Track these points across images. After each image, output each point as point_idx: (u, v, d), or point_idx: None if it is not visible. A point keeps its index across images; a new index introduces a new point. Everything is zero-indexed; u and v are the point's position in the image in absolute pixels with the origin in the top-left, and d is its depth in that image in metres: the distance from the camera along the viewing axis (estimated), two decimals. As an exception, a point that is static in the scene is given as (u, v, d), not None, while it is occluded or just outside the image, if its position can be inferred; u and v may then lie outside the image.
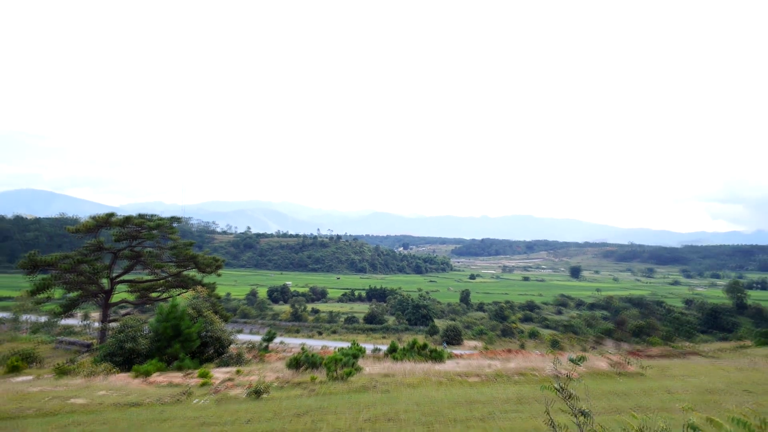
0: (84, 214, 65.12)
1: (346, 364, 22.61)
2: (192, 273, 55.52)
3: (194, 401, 17.43)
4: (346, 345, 38.21)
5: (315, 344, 50.19)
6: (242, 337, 49.00)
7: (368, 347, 40.92)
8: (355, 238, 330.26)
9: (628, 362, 25.53)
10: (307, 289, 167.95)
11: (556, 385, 4.71)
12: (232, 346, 35.69)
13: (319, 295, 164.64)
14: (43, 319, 67.45)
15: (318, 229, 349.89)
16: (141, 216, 55.00)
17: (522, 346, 63.39)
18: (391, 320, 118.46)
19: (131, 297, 56.25)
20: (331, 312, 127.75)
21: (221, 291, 58.77)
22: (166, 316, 31.18)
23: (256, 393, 17.97)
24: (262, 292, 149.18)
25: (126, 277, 55.31)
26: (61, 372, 26.54)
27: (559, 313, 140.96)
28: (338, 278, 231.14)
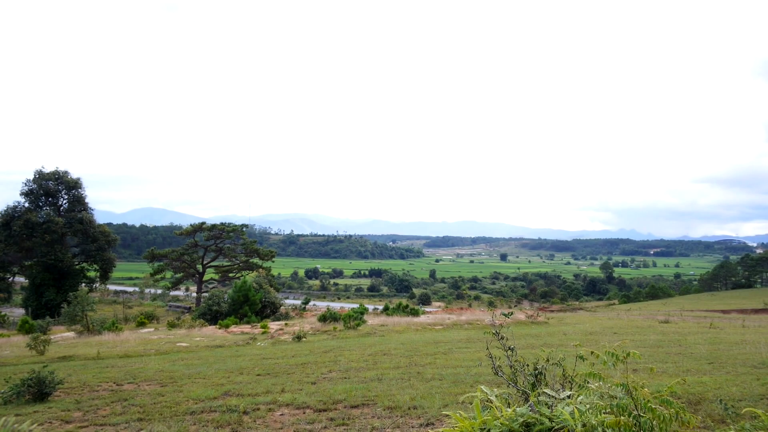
0: (185, 223, 65.38)
1: (355, 318, 21.42)
2: (255, 260, 53.74)
3: (258, 343, 16.71)
4: (355, 306, 36.02)
5: (335, 306, 48.96)
6: (288, 301, 46.75)
7: (370, 307, 38.76)
8: (361, 237, 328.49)
9: (538, 315, 24.98)
10: (330, 270, 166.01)
11: (492, 331, 4.25)
12: (281, 307, 35.15)
13: (338, 273, 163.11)
14: (159, 291, 69.26)
15: (336, 231, 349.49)
16: (222, 224, 54.89)
17: (470, 305, 59.18)
18: (384, 289, 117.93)
19: (216, 276, 55.47)
20: (346, 285, 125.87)
21: (274, 272, 54.60)
22: (239, 289, 31.04)
23: (298, 338, 17.23)
24: (301, 273, 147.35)
25: (213, 263, 55.34)
26: (171, 325, 25.87)
27: (493, 283, 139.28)
28: (350, 263, 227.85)
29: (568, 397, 2.67)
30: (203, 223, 54.02)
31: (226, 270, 54.63)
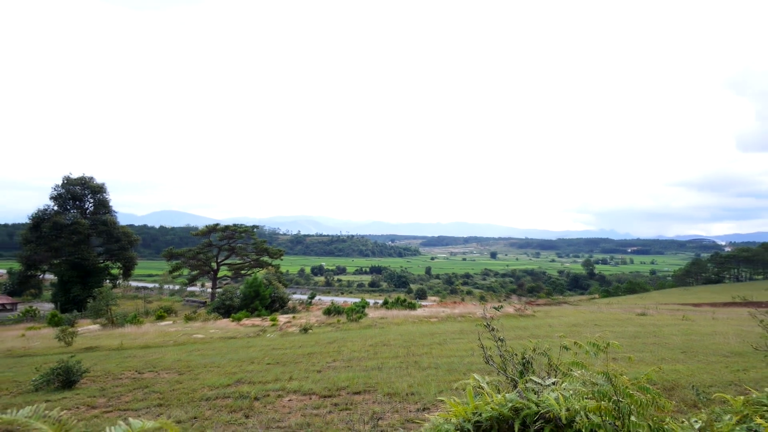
0: (201, 224, 65.21)
1: (357, 311, 21.39)
2: (265, 258, 54.19)
3: (267, 335, 16.61)
4: (357, 300, 35.39)
5: (339, 300, 45.58)
6: (295, 296, 47.39)
7: (371, 301, 38.67)
8: (362, 237, 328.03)
9: (526, 308, 25.01)
10: (334, 267, 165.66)
11: (484, 323, 4.20)
12: (289, 302, 34.89)
13: (341, 270, 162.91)
14: (176, 287, 70.22)
15: (340, 232, 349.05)
16: (234, 225, 55.05)
17: (463, 300, 58.83)
18: (384, 285, 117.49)
19: (229, 273, 55.58)
20: (348, 281, 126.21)
21: (283, 269, 53.88)
22: (250, 285, 31.01)
23: (305, 330, 17.13)
24: (307, 270, 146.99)
25: (226, 261, 55.35)
26: (188, 319, 25.76)
27: (484, 279, 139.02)
28: (353, 261, 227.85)
29: (554, 384, 2.65)
30: (217, 225, 54.23)
31: (238, 267, 55.19)
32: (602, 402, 2.19)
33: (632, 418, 2.12)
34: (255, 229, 58.71)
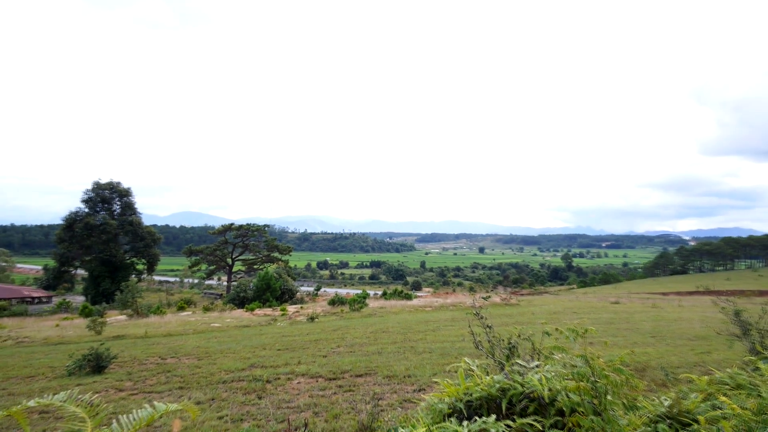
0: (217, 224, 65.49)
1: (359, 302, 21.09)
2: (275, 254, 53.26)
3: (278, 324, 16.44)
4: (359, 291, 35.79)
5: (342, 291, 44.13)
6: (303, 288, 46.61)
7: (371, 293, 38.50)
8: (363, 234, 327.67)
9: (511, 298, 24.85)
10: (337, 262, 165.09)
11: (473, 311, 4.13)
12: (297, 293, 34.64)
13: (344, 265, 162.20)
14: (195, 281, 70.04)
15: (342, 230, 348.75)
16: (247, 224, 54.19)
17: (454, 291, 58.04)
18: (383, 278, 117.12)
19: (243, 268, 54.60)
20: (351, 274, 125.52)
21: (291, 264, 53.26)
22: (262, 278, 30.83)
23: (311, 319, 16.98)
24: (314, 264, 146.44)
25: (240, 257, 54.53)
26: (206, 309, 25.66)
27: (473, 272, 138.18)
28: (355, 256, 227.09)
29: (537, 366, 2.65)
30: (232, 224, 53.69)
31: (251, 263, 54.17)
32: (581, 382, 2.19)
33: (608, 396, 2.13)
34: (266, 228, 57.36)
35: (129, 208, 46.01)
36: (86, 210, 43.68)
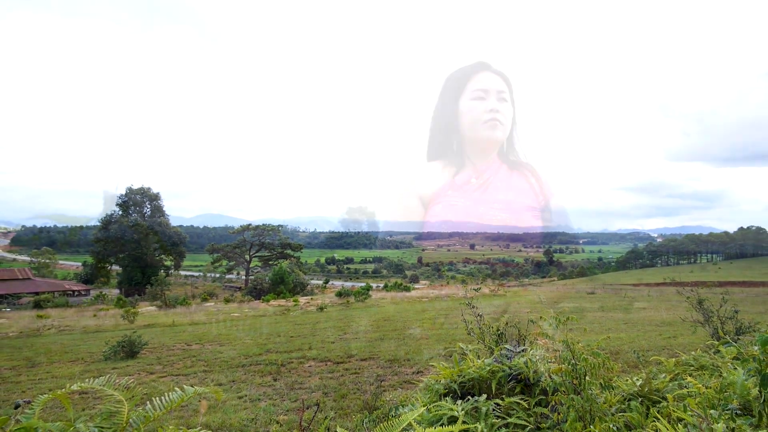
0: (236, 224, 65.02)
1: (363, 294, 21.02)
2: (288, 251, 53.16)
3: (291, 313, 16.42)
4: (363, 284, 35.37)
5: (348, 284, 46.91)
6: (313, 282, 44.33)
7: (374, 285, 37.48)
8: (366, 233, 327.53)
9: (499, 290, 24.77)
10: (344, 258, 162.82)
11: (465, 302, 4.14)
12: (308, 286, 34.68)
13: (350, 260, 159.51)
14: (217, 275, 66.88)
15: (348, 228, 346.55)
16: (263, 225, 54.33)
17: (448, 283, 55.43)
18: (384, 272, 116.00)
19: (260, 264, 54.17)
20: (356, 269, 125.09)
21: (302, 259, 54.27)
22: (276, 273, 30.96)
23: (321, 309, 16.81)
24: (322, 260, 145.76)
25: (257, 254, 54.16)
26: (227, 301, 25.51)
27: (465, 266, 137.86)
28: (359, 252, 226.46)
29: (523, 351, 2.68)
30: (249, 225, 53.32)
31: (267, 259, 52.90)
32: (562, 365, 2.21)
33: (587, 377, 2.14)
34: (280, 228, 56.48)
35: (158, 210, 46.06)
36: (120, 212, 43.83)
